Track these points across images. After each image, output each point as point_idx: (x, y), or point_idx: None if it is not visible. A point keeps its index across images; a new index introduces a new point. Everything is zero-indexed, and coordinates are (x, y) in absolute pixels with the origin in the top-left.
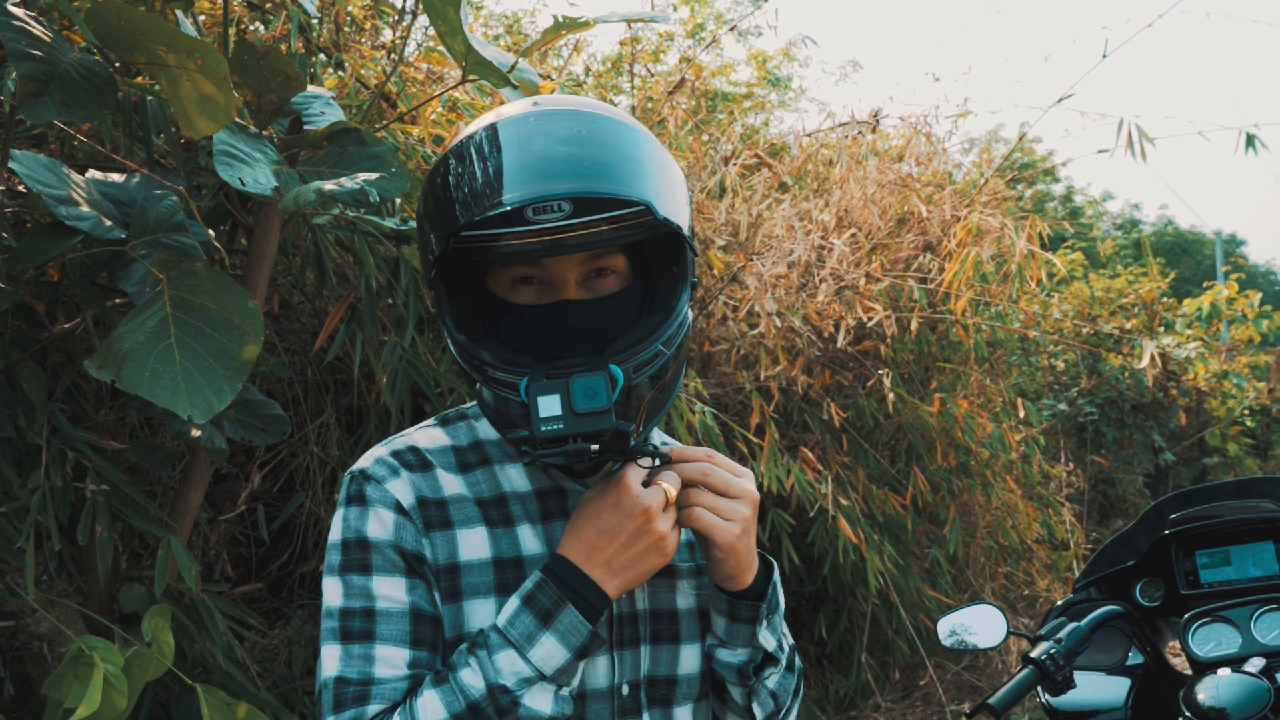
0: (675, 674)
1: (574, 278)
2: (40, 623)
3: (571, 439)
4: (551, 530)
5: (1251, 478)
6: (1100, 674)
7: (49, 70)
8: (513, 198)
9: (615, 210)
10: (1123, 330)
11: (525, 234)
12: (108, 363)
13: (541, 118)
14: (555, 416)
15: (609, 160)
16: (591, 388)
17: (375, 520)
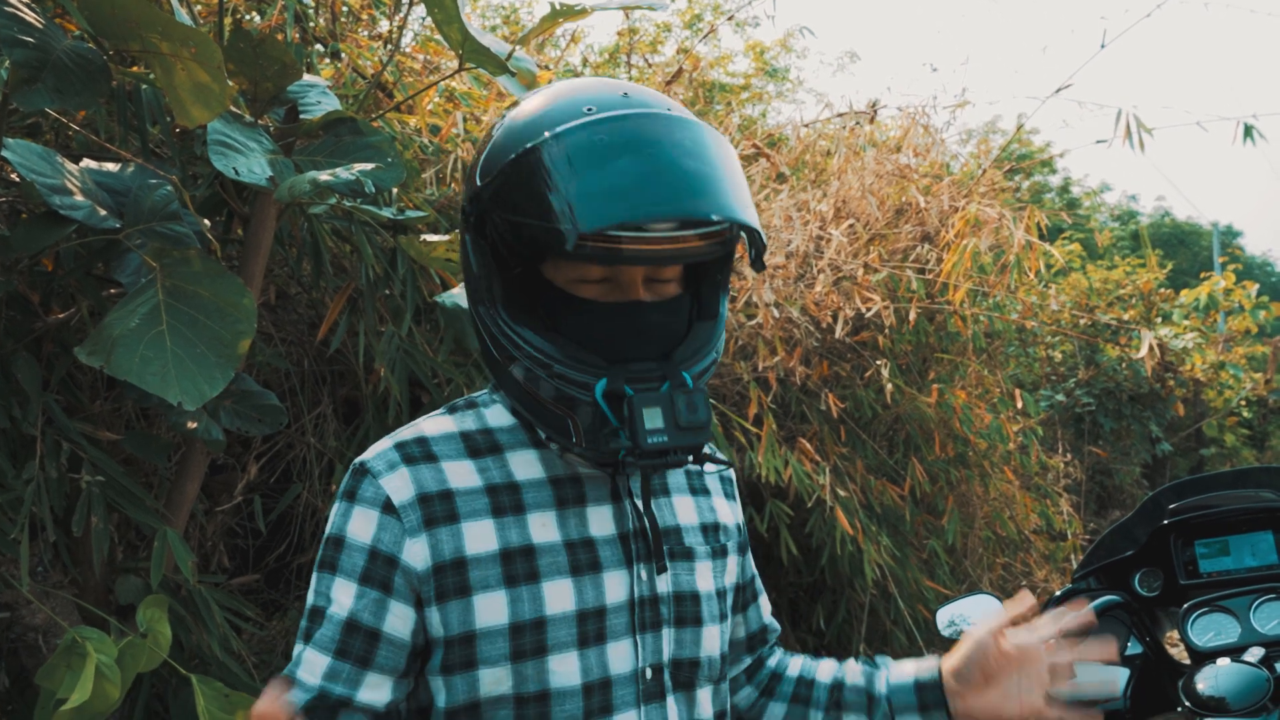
0: (698, 656)
1: (641, 279)
2: (35, 614)
3: (674, 451)
4: (568, 516)
5: (1249, 467)
6: (1098, 664)
7: (42, 57)
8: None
9: (715, 228)
10: (1120, 321)
11: (646, 240)
12: (97, 349)
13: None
14: (660, 429)
15: (727, 181)
16: (693, 403)
17: (358, 519)
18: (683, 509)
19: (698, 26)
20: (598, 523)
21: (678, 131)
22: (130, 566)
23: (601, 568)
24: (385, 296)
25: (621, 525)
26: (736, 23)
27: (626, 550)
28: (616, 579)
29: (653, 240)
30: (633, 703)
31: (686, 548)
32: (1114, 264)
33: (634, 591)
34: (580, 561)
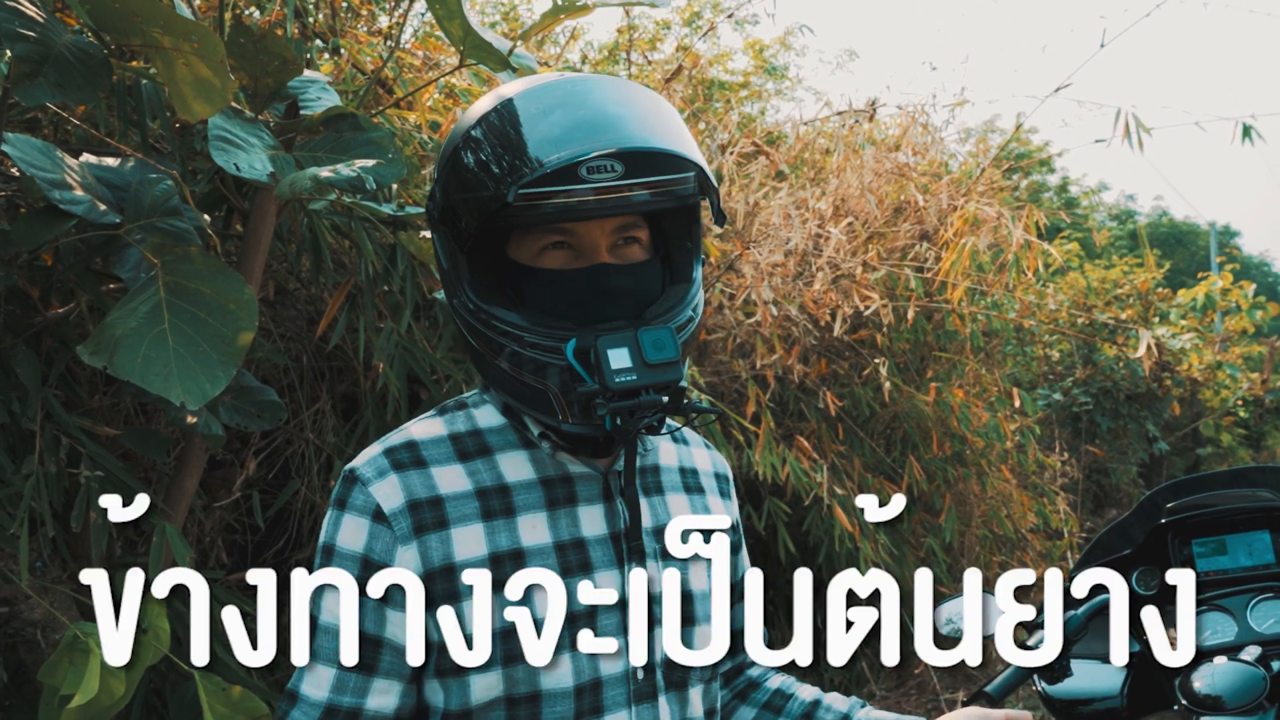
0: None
1: (605, 244)
2: (34, 609)
3: (644, 390)
4: (559, 517)
5: (1247, 467)
6: (1095, 662)
7: (43, 51)
8: (578, 150)
9: (662, 174)
10: (1117, 321)
11: (579, 192)
12: (100, 349)
13: (585, 81)
14: (627, 368)
15: (658, 122)
16: (659, 340)
17: (348, 528)
18: (677, 507)
19: (697, 24)
20: (589, 523)
21: (604, 88)
22: (128, 562)
23: (593, 568)
24: (384, 293)
25: (613, 525)
26: (736, 21)
27: (618, 550)
28: (607, 578)
29: (587, 191)
30: (624, 703)
31: (681, 546)
32: (1112, 263)
33: (625, 590)
34: (571, 562)
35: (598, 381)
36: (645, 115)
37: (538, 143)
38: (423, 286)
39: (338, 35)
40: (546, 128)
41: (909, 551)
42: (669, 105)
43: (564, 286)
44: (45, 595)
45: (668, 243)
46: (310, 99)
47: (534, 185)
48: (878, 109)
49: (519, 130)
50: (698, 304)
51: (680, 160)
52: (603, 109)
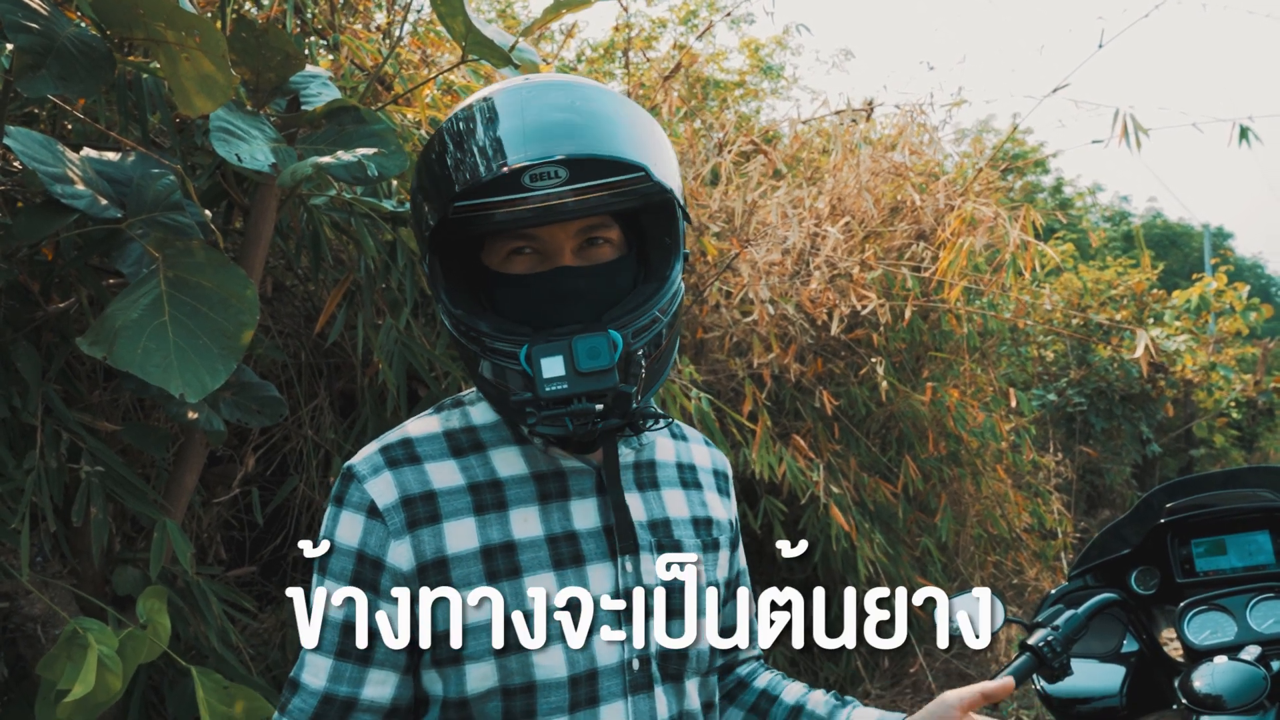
0: (685, 649)
1: (569, 247)
2: (34, 604)
3: (576, 398)
4: (550, 511)
5: (1245, 467)
6: (1094, 661)
7: (46, 44)
8: (508, 161)
9: (610, 176)
10: (1112, 321)
11: (521, 201)
12: (99, 339)
13: (536, 88)
14: (559, 377)
15: (604, 126)
16: (594, 347)
17: (345, 524)
18: (673, 502)
19: (693, 23)
20: (581, 516)
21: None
22: (128, 557)
23: (585, 560)
24: (383, 289)
25: (606, 518)
26: (732, 20)
27: (610, 543)
28: (601, 571)
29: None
30: (620, 693)
31: (675, 540)
32: (1106, 264)
33: (619, 583)
34: (563, 555)
35: (529, 389)
36: (589, 120)
37: (478, 153)
38: (422, 282)
39: (337, 31)
40: (488, 138)
41: (904, 551)
42: (623, 103)
43: (525, 291)
44: (45, 590)
45: (644, 240)
46: (311, 94)
47: (471, 197)
48: (875, 108)
49: (465, 141)
50: (668, 304)
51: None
52: (543, 116)
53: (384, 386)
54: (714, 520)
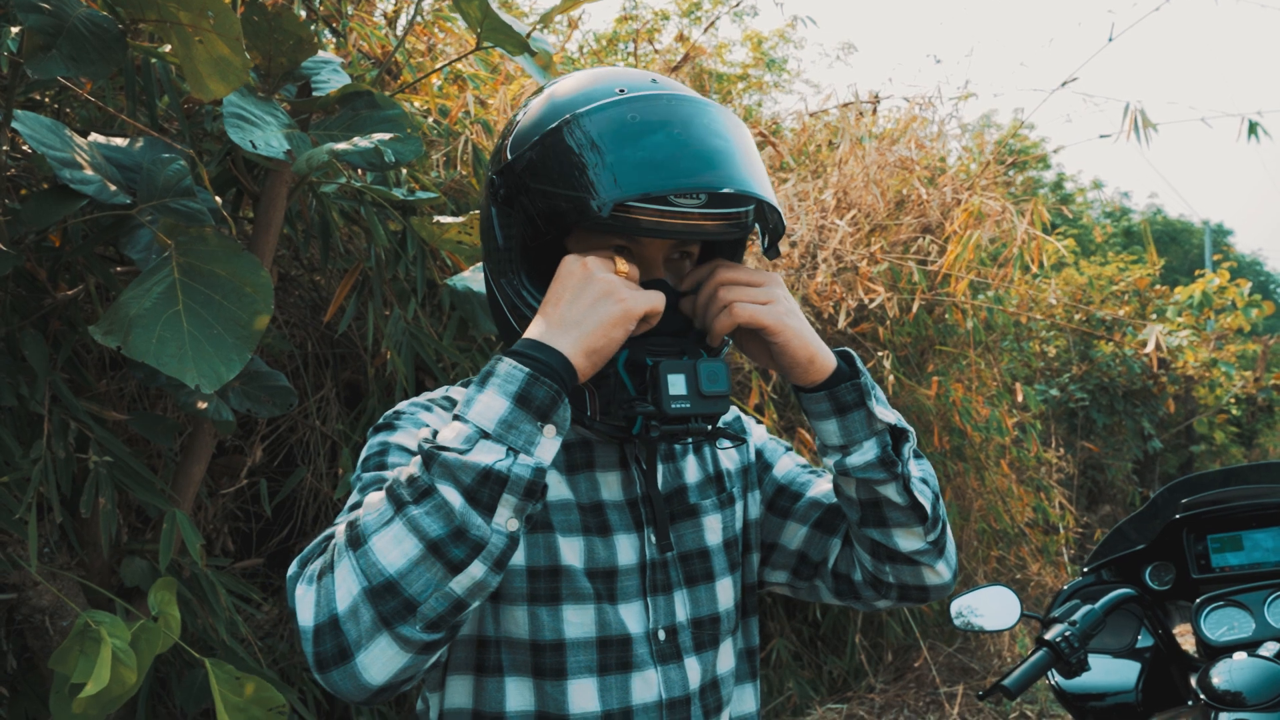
0: (716, 611)
1: (662, 259)
2: (42, 595)
3: (695, 419)
4: (577, 481)
5: (1263, 463)
6: (1109, 657)
7: (57, 24)
8: (681, 181)
9: (739, 208)
10: (1114, 317)
11: (668, 215)
12: (113, 329)
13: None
14: (683, 395)
15: (752, 161)
16: (714, 372)
17: (400, 435)
18: (687, 469)
19: (696, 15)
20: (607, 487)
21: (704, 113)
22: (135, 549)
23: (611, 530)
24: (390, 279)
25: (630, 491)
26: (736, 12)
27: (635, 515)
28: (626, 543)
29: (674, 215)
30: (650, 662)
31: (691, 506)
32: (1107, 260)
33: (644, 555)
34: (590, 523)
35: (653, 402)
36: (740, 152)
37: (633, 164)
38: (432, 272)
39: (345, 18)
40: (651, 148)
41: None
42: (750, 136)
43: None
44: (52, 582)
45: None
46: (322, 80)
47: (618, 209)
48: (881, 101)
49: (615, 146)
50: None
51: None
52: (704, 141)
53: (392, 377)
54: (724, 471)
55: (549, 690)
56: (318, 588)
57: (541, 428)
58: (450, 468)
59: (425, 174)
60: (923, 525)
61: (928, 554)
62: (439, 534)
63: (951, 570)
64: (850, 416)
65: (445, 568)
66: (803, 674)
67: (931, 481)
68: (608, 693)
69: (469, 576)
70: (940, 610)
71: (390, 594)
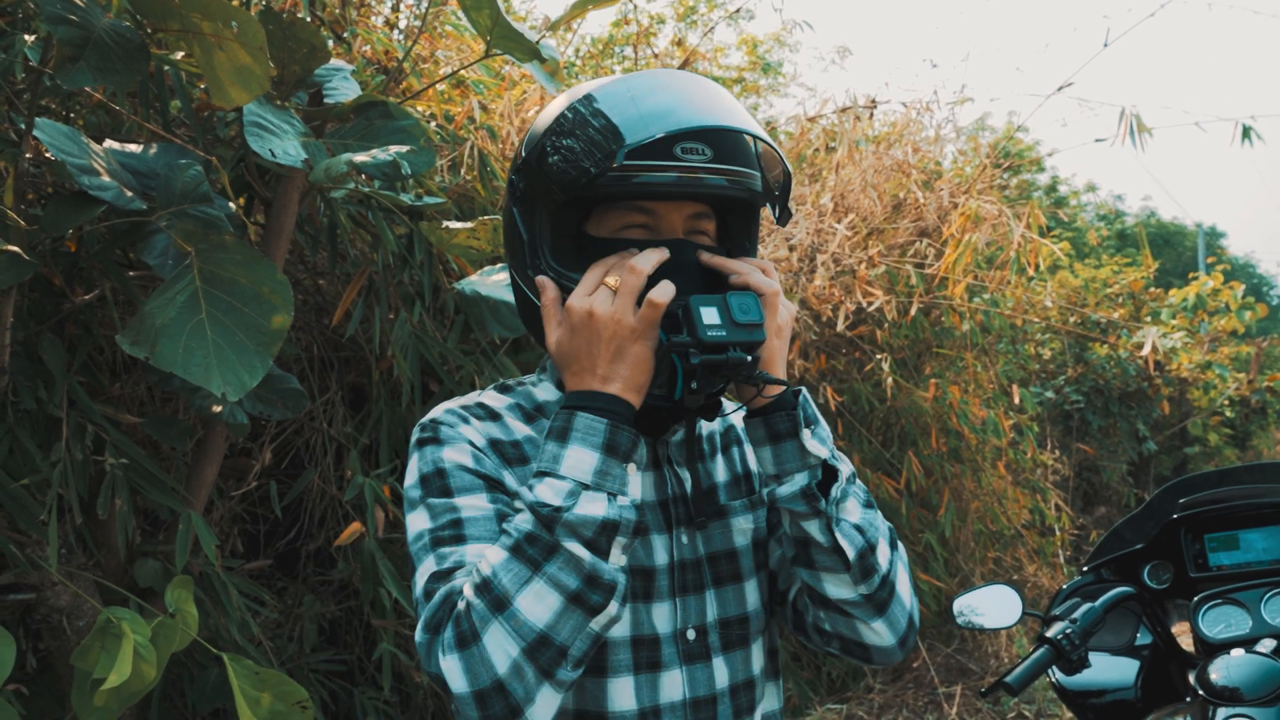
0: (745, 612)
1: (680, 228)
2: (60, 595)
3: (732, 346)
4: None
5: (1259, 463)
6: (1108, 654)
7: (84, 35)
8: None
9: (745, 166)
10: (1109, 320)
11: (673, 168)
12: (140, 339)
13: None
14: (717, 325)
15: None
16: (745, 304)
17: (452, 451)
18: (718, 469)
19: (692, 19)
20: (642, 488)
21: (703, 79)
22: (148, 550)
23: (647, 530)
24: (396, 283)
25: (661, 492)
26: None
27: (666, 515)
28: (659, 543)
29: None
30: (677, 662)
31: (721, 507)
32: (1101, 263)
33: (674, 555)
34: None
35: (689, 334)
36: (731, 106)
37: (639, 118)
38: (440, 277)
39: (351, 24)
40: (646, 106)
41: (906, 546)
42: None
43: None
44: (70, 582)
45: (730, 237)
46: (333, 88)
47: (632, 157)
48: (877, 106)
49: (618, 108)
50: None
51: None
52: (702, 92)
53: (397, 380)
54: (752, 472)
55: (589, 688)
56: (468, 655)
57: (627, 468)
58: (571, 525)
59: (430, 179)
60: (848, 573)
61: (860, 608)
62: (576, 586)
63: (897, 635)
64: (783, 445)
65: (585, 612)
66: (802, 674)
67: (871, 532)
68: (641, 691)
69: (606, 615)
70: (939, 611)
71: (545, 646)
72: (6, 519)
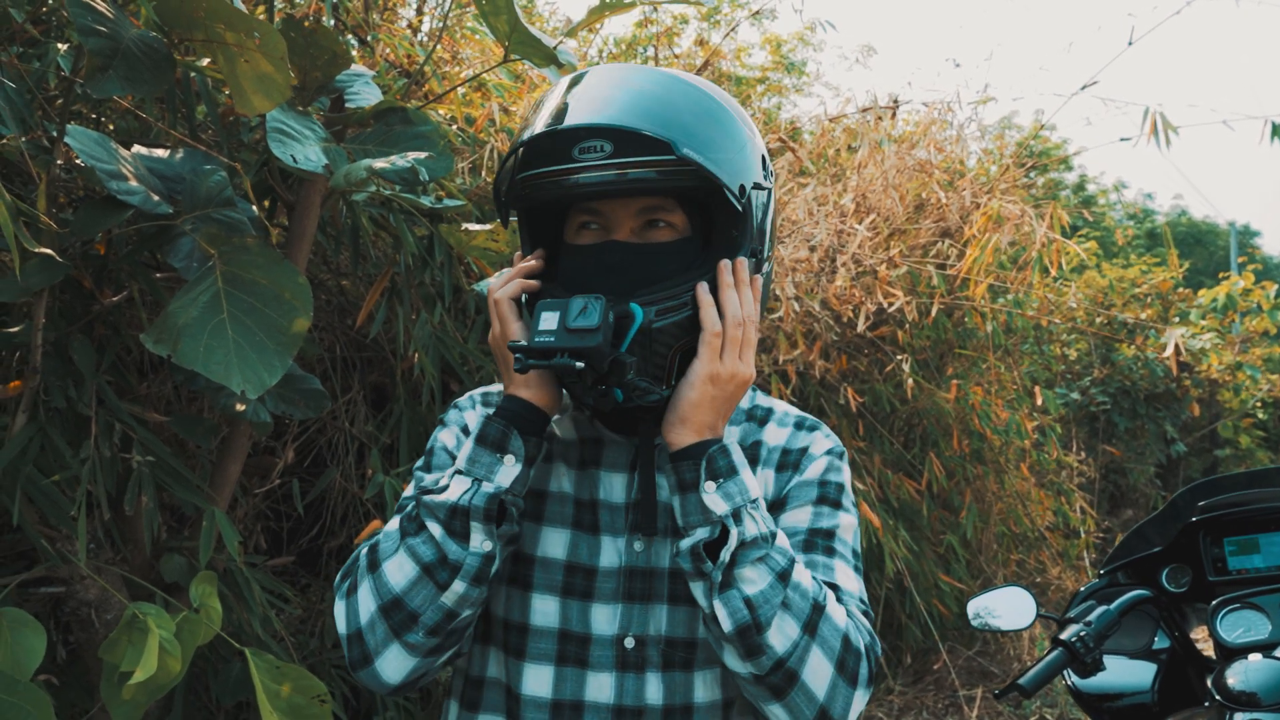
0: (694, 637)
1: (629, 225)
2: (89, 589)
3: (559, 352)
4: (584, 477)
5: (1274, 467)
6: (1125, 658)
7: (113, 46)
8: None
9: (652, 155)
10: (1137, 320)
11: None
12: (163, 338)
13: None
14: (549, 330)
15: (647, 104)
16: (587, 308)
17: (447, 434)
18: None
19: (715, 19)
20: (608, 488)
21: (607, 73)
22: (174, 546)
23: (600, 530)
24: (418, 284)
25: (629, 495)
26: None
27: (627, 519)
28: (610, 545)
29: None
30: (609, 666)
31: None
32: (1129, 262)
33: (622, 559)
34: (583, 520)
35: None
36: (634, 98)
37: (534, 123)
38: (459, 278)
39: (374, 29)
40: (545, 111)
41: (928, 548)
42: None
43: (580, 260)
44: (99, 576)
45: (713, 227)
46: (355, 93)
47: (530, 166)
48: (900, 105)
49: (529, 116)
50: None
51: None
52: (595, 92)
53: (419, 380)
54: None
55: (510, 666)
56: (348, 603)
57: (501, 458)
58: (430, 506)
59: (450, 181)
60: (730, 645)
61: (751, 686)
62: (429, 559)
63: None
64: (688, 497)
65: (435, 587)
66: None
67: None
68: (563, 683)
69: (454, 592)
70: (959, 613)
71: (397, 608)
72: (38, 514)
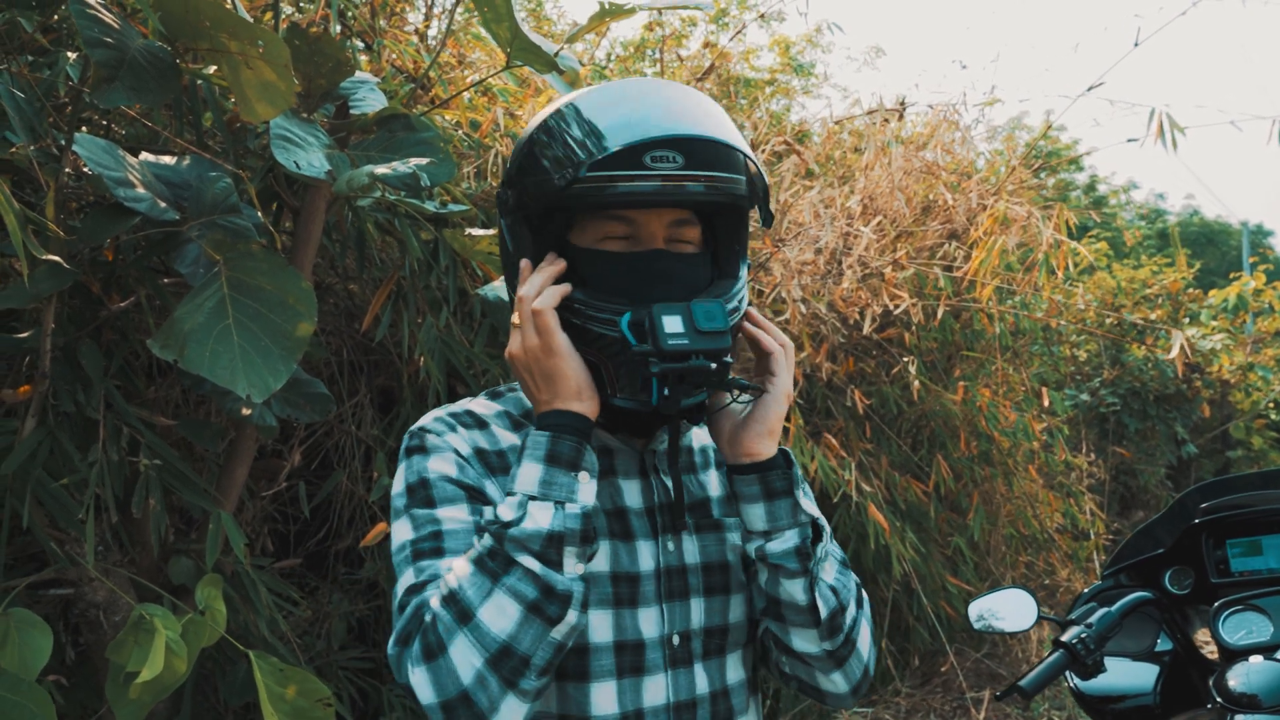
0: (726, 623)
1: (661, 236)
2: (97, 591)
3: (695, 354)
4: (603, 486)
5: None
6: (1128, 660)
7: (119, 57)
8: (643, 134)
9: (719, 171)
10: (1147, 321)
11: (644, 177)
12: (170, 343)
13: (652, 80)
14: (680, 333)
15: (719, 120)
16: (710, 311)
17: (437, 461)
18: (711, 482)
19: (723, 21)
20: (629, 495)
21: (674, 85)
22: (181, 548)
23: (634, 536)
24: (423, 289)
25: (649, 499)
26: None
27: (653, 522)
28: (646, 549)
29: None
30: (662, 667)
31: (715, 520)
32: (1140, 263)
33: (660, 561)
34: (615, 528)
35: (651, 344)
36: (706, 112)
37: (606, 128)
38: (464, 282)
39: (379, 35)
40: (616, 115)
41: (935, 550)
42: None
43: (624, 267)
44: (106, 578)
45: (717, 241)
46: (359, 99)
47: (600, 168)
48: (907, 107)
49: (590, 118)
50: (742, 298)
51: (734, 156)
52: (668, 101)
53: (425, 383)
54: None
55: (571, 692)
56: (434, 667)
57: (576, 475)
58: (519, 540)
59: (456, 185)
60: (817, 630)
61: (821, 661)
62: (534, 596)
63: (851, 685)
64: (778, 503)
65: (544, 623)
66: None
67: (844, 594)
68: (624, 695)
69: (566, 624)
70: (966, 615)
71: (508, 656)
72: (47, 517)
